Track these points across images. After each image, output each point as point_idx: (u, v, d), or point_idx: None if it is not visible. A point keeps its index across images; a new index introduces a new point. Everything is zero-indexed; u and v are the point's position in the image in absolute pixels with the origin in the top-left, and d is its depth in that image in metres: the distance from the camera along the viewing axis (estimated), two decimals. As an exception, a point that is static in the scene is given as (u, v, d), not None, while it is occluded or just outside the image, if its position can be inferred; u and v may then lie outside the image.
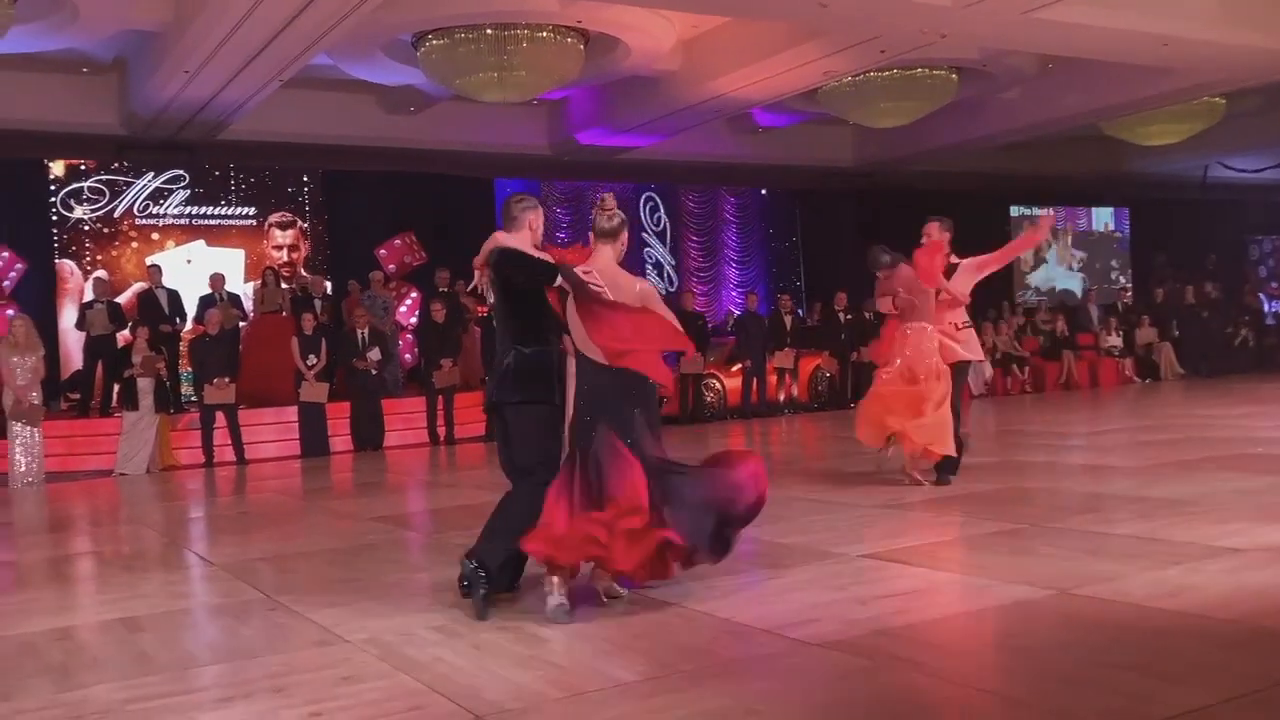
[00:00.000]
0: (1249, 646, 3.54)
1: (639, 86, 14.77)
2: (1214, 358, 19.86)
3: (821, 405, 16.50)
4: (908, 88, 14.35)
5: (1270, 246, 24.78)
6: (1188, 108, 16.24)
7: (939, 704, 3.17)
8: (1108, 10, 11.38)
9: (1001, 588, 4.45)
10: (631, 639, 4.02)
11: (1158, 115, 16.45)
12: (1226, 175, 21.30)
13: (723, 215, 20.30)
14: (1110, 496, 6.76)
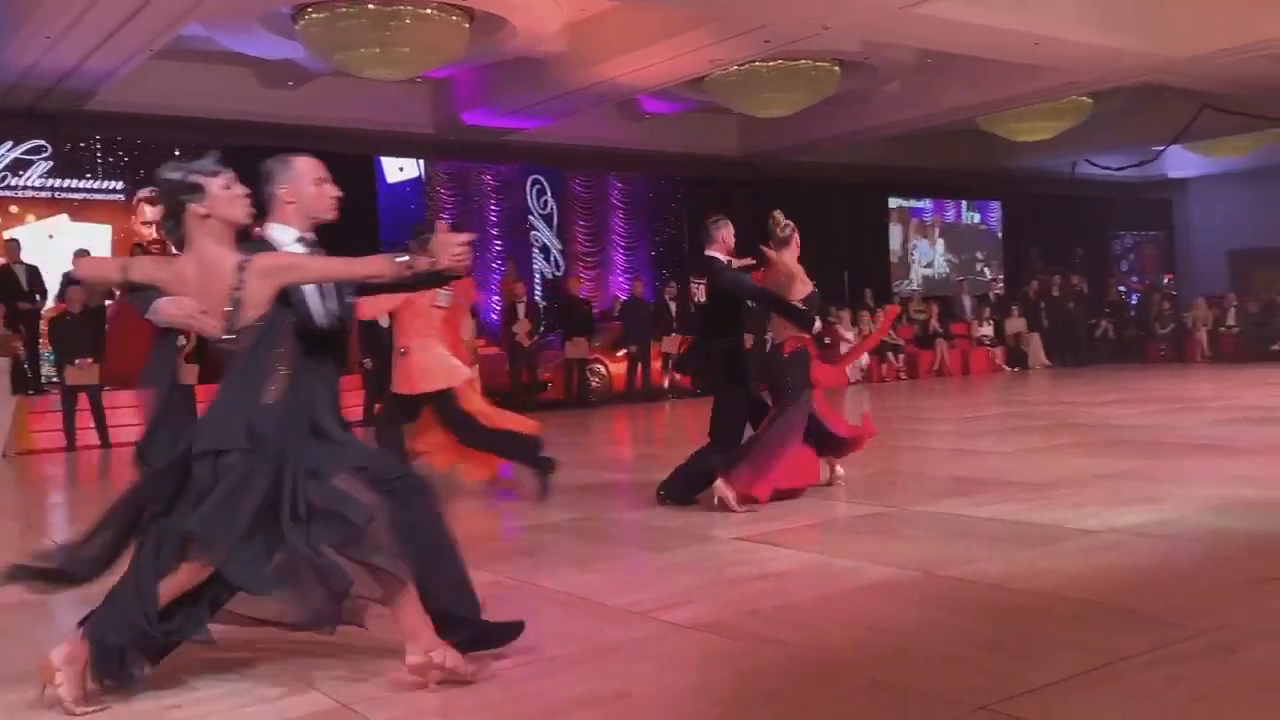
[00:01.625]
0: (1099, 624, 3.69)
1: (525, 68, 14.65)
2: (1078, 348, 20.73)
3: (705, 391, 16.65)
4: (792, 79, 14.55)
5: (1132, 241, 25.89)
6: (1057, 106, 16.83)
7: (807, 684, 3.22)
8: (984, 8, 11.71)
9: (869, 569, 4.55)
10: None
11: (1030, 112, 17.02)
12: (1093, 172, 22.17)
13: (610, 201, 20.28)
14: (976, 480, 6.97)
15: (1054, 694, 2.98)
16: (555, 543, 5.69)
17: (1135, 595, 4.02)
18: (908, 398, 15.34)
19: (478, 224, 18.71)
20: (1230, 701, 2.93)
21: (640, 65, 13.67)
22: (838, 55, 14.31)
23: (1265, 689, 2.99)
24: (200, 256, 3.26)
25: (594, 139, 17.86)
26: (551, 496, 6.69)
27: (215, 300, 3.18)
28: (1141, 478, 6.70)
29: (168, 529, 3.20)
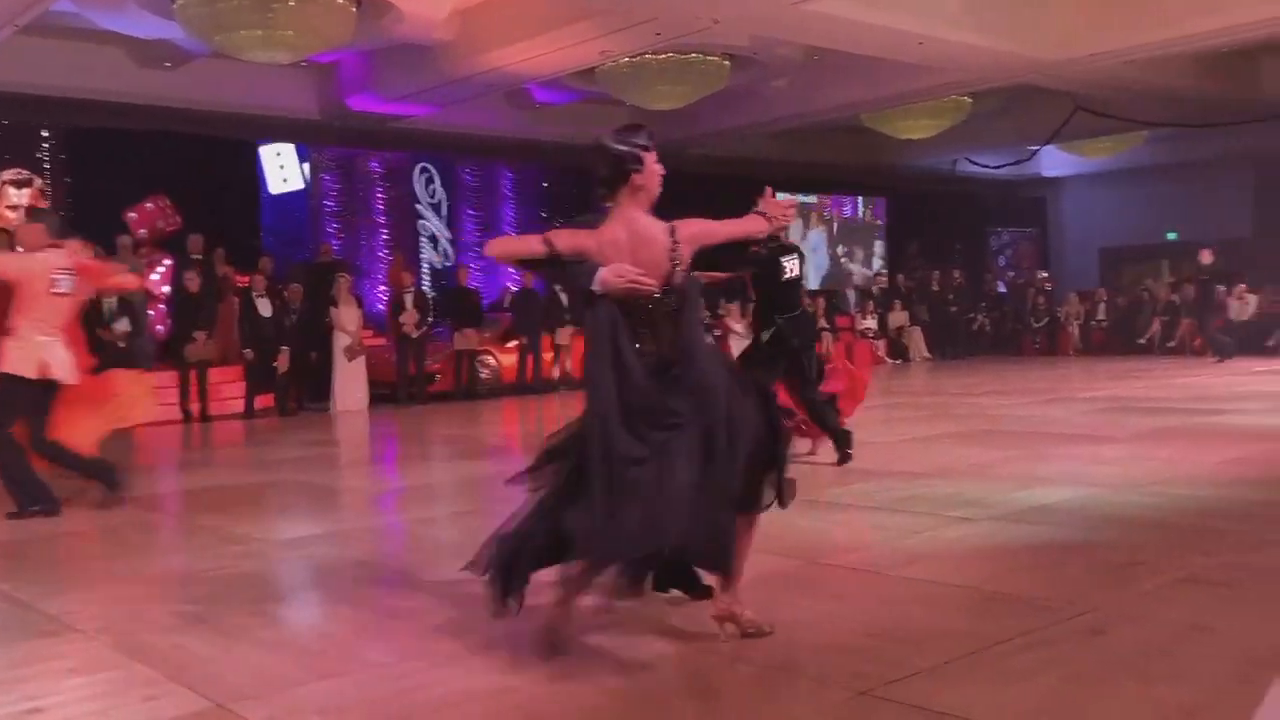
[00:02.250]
0: (976, 609, 3.79)
1: (413, 54, 14.39)
2: (957, 342, 21.34)
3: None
4: (682, 72, 14.60)
5: (1009, 238, 26.73)
6: (939, 104, 17.24)
7: (697, 673, 3.23)
8: (869, 7, 11.92)
9: (755, 559, 4.58)
10: (387, 619, 3.92)
11: (913, 110, 17.39)
12: (972, 170, 22.81)
13: (501, 190, 20.11)
14: (860, 470, 7.10)
15: (933, 678, 3.05)
16: (440, 536, 5.61)
17: (1011, 580, 4.14)
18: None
19: (363, 212, 18.37)
20: (1100, 682, 3.04)
21: (530, 54, 13.55)
22: (727, 50, 14.41)
23: (1132, 669, 3.10)
24: (631, 224, 3.55)
25: (484, 127, 17.65)
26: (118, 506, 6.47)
27: (651, 263, 3.47)
28: (1017, 466, 6.92)
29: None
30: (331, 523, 6.08)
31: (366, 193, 18.45)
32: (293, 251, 17.08)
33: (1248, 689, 2.84)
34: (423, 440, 10.89)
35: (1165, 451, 7.30)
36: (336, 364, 13.82)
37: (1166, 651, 3.25)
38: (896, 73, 15.08)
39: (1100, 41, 13.84)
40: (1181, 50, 14.47)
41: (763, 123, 18.24)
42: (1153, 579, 4.09)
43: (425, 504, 6.52)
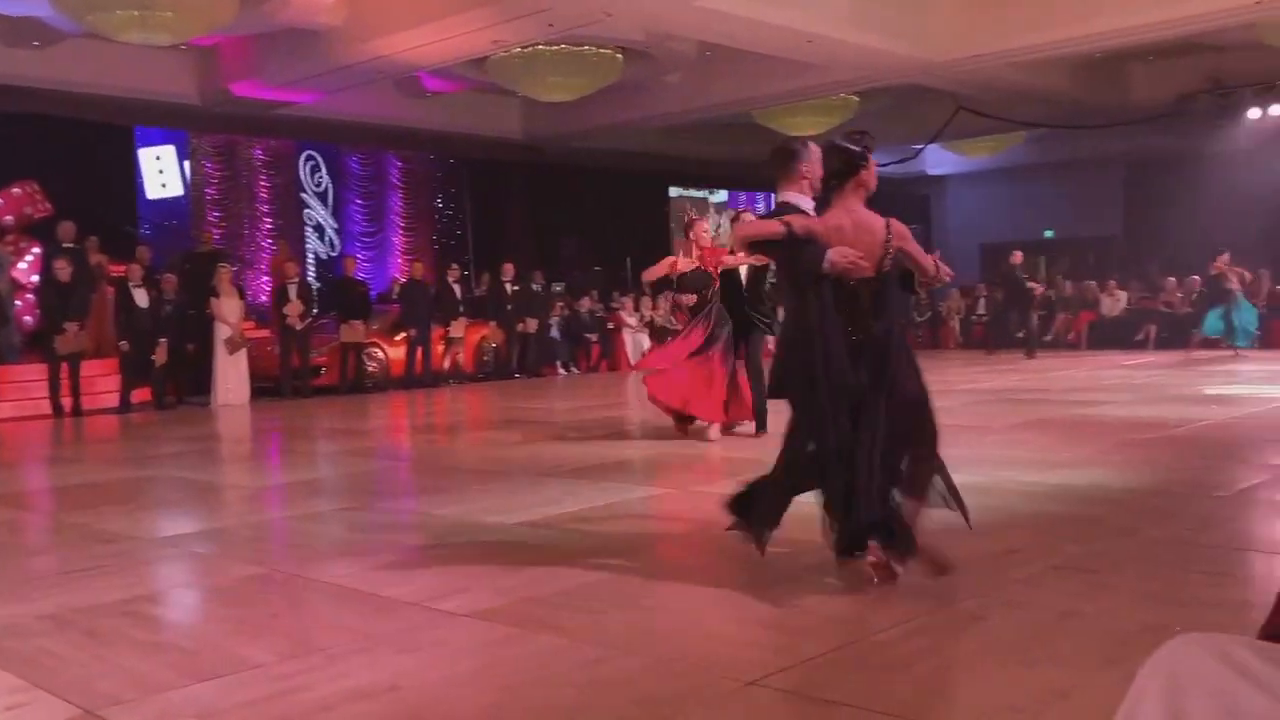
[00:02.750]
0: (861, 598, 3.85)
1: (299, 39, 14.05)
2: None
3: (487, 375, 16.54)
4: (575, 64, 14.55)
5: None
6: (828, 102, 17.53)
7: (585, 667, 3.21)
8: (760, 4, 12.06)
9: (648, 551, 4.60)
10: (268, 618, 3.81)
11: (802, 108, 17.65)
12: (860, 168, 23.28)
13: (389, 179, 19.78)
14: (754, 462, 7.16)
15: (824, 666, 3.09)
16: (324, 533, 5.48)
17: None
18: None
19: (246, 200, 17.88)
20: (978, 667, 3.12)
21: (420, 42, 13.34)
22: (621, 43, 14.42)
23: (1009, 654, 3.19)
24: (853, 214, 4.08)
25: (372, 115, 17.34)
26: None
27: (868, 250, 3.99)
28: (901, 457, 7.06)
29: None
30: (211, 520, 5.90)
31: (249, 180, 17.96)
32: (171, 240, 16.54)
33: (1117, 670, 2.93)
34: (307, 435, 10.64)
35: (1042, 441, 7.54)
36: (217, 356, 13.43)
37: (1041, 636, 3.35)
38: (787, 70, 15.28)
39: (981, 44, 14.26)
40: (1057, 54, 15.02)
41: (655, 117, 18.30)
42: (1028, 566, 4.21)
43: (310, 500, 6.37)
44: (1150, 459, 6.67)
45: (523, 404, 12.67)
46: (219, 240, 16.87)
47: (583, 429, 9.54)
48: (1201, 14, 12.95)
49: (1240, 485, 5.75)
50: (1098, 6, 13.23)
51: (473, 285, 18.12)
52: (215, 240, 16.63)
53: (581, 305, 18.22)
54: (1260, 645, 1.10)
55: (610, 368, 18.18)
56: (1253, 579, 4.09)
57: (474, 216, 20.73)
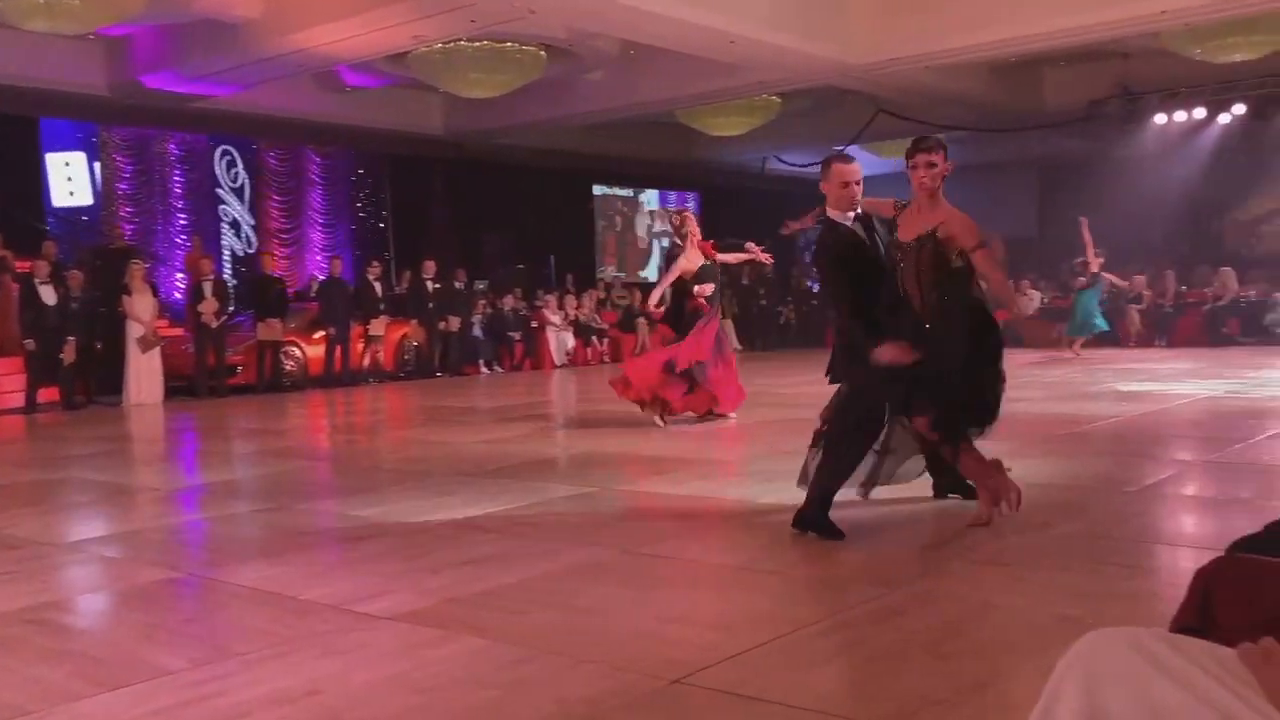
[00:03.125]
0: (787, 593, 3.88)
1: (215, 31, 13.73)
2: (767, 333, 21.96)
3: (408, 374, 16.36)
4: (498, 61, 14.45)
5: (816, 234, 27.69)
6: (750, 103, 17.66)
7: (508, 668, 3.19)
8: (683, 4, 12.09)
9: (570, 550, 4.58)
10: (182, 623, 3.72)
11: (725, 108, 17.76)
12: (781, 168, 23.50)
13: (308, 175, 19.45)
14: (675, 459, 7.20)
15: (748, 662, 3.10)
16: (241, 535, 5.37)
17: (818, 564, 4.27)
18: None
19: (159, 196, 17.46)
20: (898, 660, 3.16)
21: (340, 36, 13.12)
22: (544, 40, 14.36)
23: (928, 647, 3.24)
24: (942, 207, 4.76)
25: (290, 110, 17.03)
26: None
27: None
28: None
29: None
30: (122, 523, 5.74)
31: (163, 175, 17.52)
32: (81, 236, 16.08)
33: (1034, 661, 3.00)
34: (223, 435, 10.42)
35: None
36: (129, 355, 13.08)
37: (959, 629, 3.40)
38: (710, 70, 15.36)
39: (898, 48, 14.49)
40: (972, 59, 15.33)
41: (579, 115, 18.26)
42: (947, 561, 4.28)
43: (225, 501, 6.23)
44: (1063, 455, 6.83)
45: (445, 403, 12.56)
46: (131, 236, 16.43)
47: (506, 428, 9.48)
48: (1110, 22, 13.31)
49: (1149, 480, 5.92)
50: (1011, 13, 13.52)
51: (393, 283, 17.91)
52: (127, 236, 16.19)
53: (505, 303, 18.11)
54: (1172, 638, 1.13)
55: (534, 366, 18.11)
56: (1161, 571, 4.21)
57: (395, 213, 20.48)
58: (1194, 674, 1.05)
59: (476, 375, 17.06)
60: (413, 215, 20.33)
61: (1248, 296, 18.94)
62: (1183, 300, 19.45)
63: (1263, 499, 5.50)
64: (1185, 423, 8.65)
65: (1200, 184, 21.80)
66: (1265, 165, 21.83)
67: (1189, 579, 1.47)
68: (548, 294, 19.04)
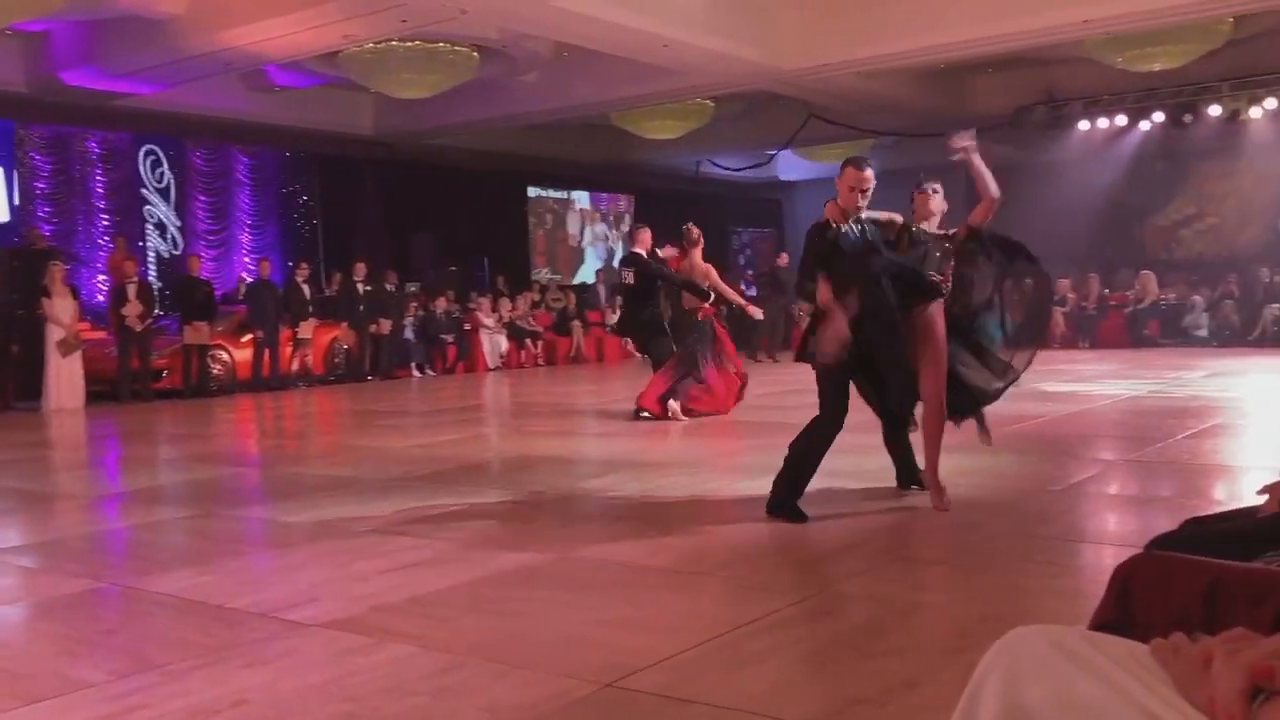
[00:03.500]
0: (718, 594, 3.90)
1: (138, 28, 13.42)
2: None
3: (338, 378, 16.15)
4: (430, 61, 14.34)
5: (749, 238, 27.88)
6: (684, 107, 17.74)
7: (438, 675, 3.16)
8: (617, 7, 12.10)
9: (503, 555, 4.56)
10: (103, 635, 3.63)
11: (658, 111, 17.82)
12: (715, 171, 23.63)
13: (235, 175, 19.10)
14: (613, 461, 7.20)
15: (680, 665, 3.11)
16: (166, 542, 5.26)
17: (750, 566, 4.30)
18: (546, 383, 15.63)
19: (80, 196, 17.03)
20: (829, 660, 3.19)
21: (269, 35, 12.92)
22: (476, 41, 14.28)
23: (858, 646, 3.27)
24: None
25: (217, 109, 16.71)
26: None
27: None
28: (759, 454, 7.18)
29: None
30: (41, 532, 5.59)
31: (84, 175, 17.10)
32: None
33: (961, 659, 3.04)
34: (148, 440, 10.20)
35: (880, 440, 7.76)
36: (49, 359, 12.74)
37: (888, 628, 3.45)
38: (643, 73, 15.39)
39: (829, 54, 14.66)
40: (902, 65, 15.56)
41: (512, 116, 18.18)
42: (875, 560, 4.33)
43: (150, 508, 6.09)
44: (989, 454, 6.95)
45: (376, 407, 12.42)
46: (50, 238, 16.01)
47: (438, 432, 9.41)
48: (1034, 30, 13.59)
49: (1073, 479, 6.05)
50: (938, 20, 13.74)
51: (323, 285, 17.66)
52: (46, 238, 15.78)
53: (437, 306, 17.96)
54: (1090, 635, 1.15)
55: (467, 369, 17.98)
56: (1084, 569, 4.30)
57: (324, 215, 20.21)
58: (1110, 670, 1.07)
59: (408, 378, 16.90)
60: (343, 216, 20.08)
61: (1167, 299, 19.45)
62: (1105, 303, 19.91)
63: (1182, 497, 5.65)
64: (1108, 422, 8.86)
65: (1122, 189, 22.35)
66: (1183, 171, 22.47)
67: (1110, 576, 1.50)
68: (481, 296, 18.92)
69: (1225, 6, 12.97)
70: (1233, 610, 1.25)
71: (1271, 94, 17.13)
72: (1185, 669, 1.04)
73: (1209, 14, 13.32)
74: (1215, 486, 6.01)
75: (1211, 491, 5.86)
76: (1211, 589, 1.30)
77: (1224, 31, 14.35)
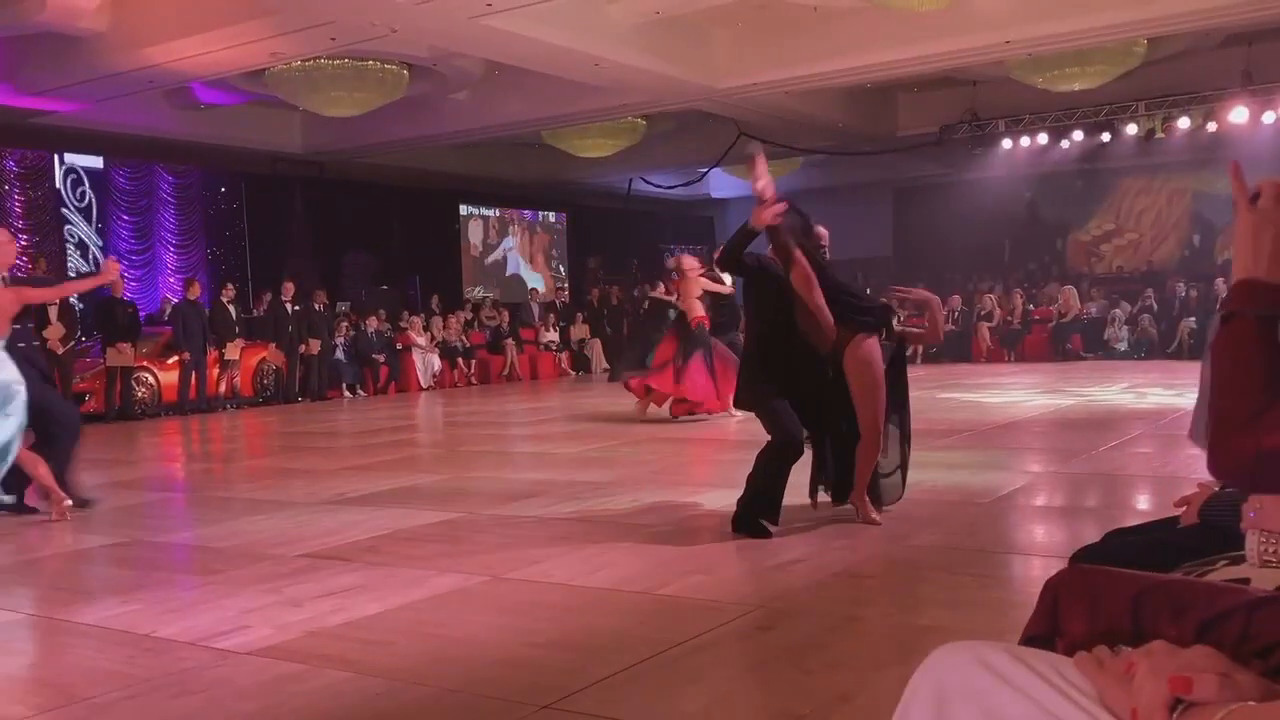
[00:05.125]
0: (654, 614, 3.91)
1: (58, 44, 13.17)
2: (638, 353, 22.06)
3: (267, 399, 15.90)
4: (359, 79, 14.25)
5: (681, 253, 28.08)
6: (616, 125, 17.83)
7: (372, 701, 3.12)
8: (547, 26, 12.13)
9: (435, 578, 4.52)
10: (27, 668, 3.53)
11: (591, 130, 17.89)
12: (647, 189, 23.76)
13: (159, 194, 18.76)
14: (545, 481, 7.18)
15: (616, 685, 3.11)
16: (90, 571, 5.13)
17: (684, 584, 4.31)
18: (480, 401, 15.53)
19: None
20: (765, 676, 3.21)
21: (194, 52, 12.74)
22: (406, 59, 14.22)
23: (794, 661, 3.30)
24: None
25: (140, 127, 16.41)
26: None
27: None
28: (691, 472, 7.22)
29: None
30: (-43, 563, 5.41)
31: (2, 194, 16.67)
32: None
33: (895, 671, 3.08)
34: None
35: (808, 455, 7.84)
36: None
37: (822, 642, 3.48)
38: (575, 92, 15.44)
39: (758, 73, 14.86)
40: (829, 84, 15.80)
41: (444, 134, 18.13)
42: (809, 576, 4.37)
43: (73, 536, 5.94)
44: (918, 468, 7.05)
45: (305, 429, 12.25)
46: (-34, 258, 15.57)
47: (369, 454, 9.31)
48: (957, 51, 13.90)
49: (1001, 491, 6.16)
50: (866, 41, 13.99)
51: (251, 305, 17.39)
52: (-38, 258, 15.34)
53: (368, 325, 17.78)
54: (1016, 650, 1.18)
55: (399, 389, 17.81)
56: (1013, 580, 4.39)
57: (252, 234, 19.92)
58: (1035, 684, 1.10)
59: (340, 399, 16.69)
60: (271, 236, 19.82)
61: (1089, 314, 19.93)
62: (1030, 317, 20.34)
63: (1105, 507, 5.79)
64: (1034, 435, 9.05)
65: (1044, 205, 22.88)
66: (1103, 188, 23.09)
67: (1039, 587, 1.54)
68: (413, 315, 18.78)
69: (1140, 29, 13.39)
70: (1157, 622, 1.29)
71: (1185, 113, 17.68)
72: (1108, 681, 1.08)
73: (1125, 36, 13.74)
74: (1138, 497, 6.16)
75: (1134, 502, 6.01)
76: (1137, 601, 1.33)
77: (1139, 53, 14.81)
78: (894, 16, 13.22)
